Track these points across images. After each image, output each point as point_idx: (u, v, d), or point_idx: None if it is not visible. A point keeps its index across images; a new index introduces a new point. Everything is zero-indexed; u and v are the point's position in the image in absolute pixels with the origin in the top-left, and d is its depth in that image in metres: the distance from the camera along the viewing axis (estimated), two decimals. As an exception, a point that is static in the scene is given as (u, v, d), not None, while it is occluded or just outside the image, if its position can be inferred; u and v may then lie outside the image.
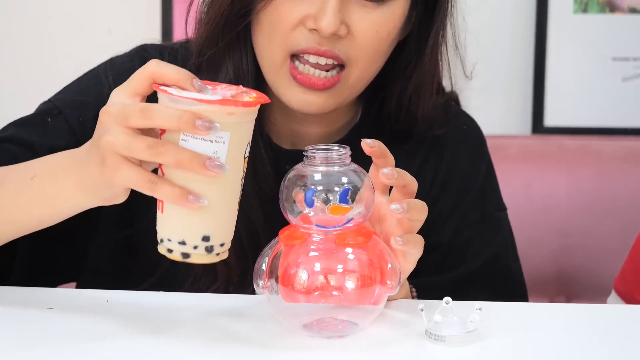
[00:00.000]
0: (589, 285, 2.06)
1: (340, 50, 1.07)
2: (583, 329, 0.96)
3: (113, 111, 0.87)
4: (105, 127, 0.87)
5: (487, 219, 1.23)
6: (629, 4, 2.17)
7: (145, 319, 0.95)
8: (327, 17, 1.04)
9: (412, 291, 1.08)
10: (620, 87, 2.20)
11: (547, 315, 1.01)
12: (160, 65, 0.89)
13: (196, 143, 0.85)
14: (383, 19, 1.08)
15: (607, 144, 2.15)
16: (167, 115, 0.85)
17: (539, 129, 2.22)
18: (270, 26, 1.07)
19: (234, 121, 0.86)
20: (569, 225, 2.06)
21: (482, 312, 0.89)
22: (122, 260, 1.19)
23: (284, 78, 1.09)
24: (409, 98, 1.17)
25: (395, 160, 1.21)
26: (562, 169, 2.09)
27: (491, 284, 1.19)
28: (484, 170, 1.25)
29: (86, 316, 0.96)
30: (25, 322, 0.94)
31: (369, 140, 0.92)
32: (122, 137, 0.86)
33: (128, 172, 0.86)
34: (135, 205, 1.00)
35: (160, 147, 0.85)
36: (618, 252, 1.74)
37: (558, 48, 2.19)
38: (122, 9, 2.19)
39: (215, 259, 0.89)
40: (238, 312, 0.98)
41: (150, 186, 0.86)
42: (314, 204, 0.87)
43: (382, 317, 0.96)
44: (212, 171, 0.84)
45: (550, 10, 2.17)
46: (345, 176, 0.88)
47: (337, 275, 0.88)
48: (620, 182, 2.05)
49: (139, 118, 0.86)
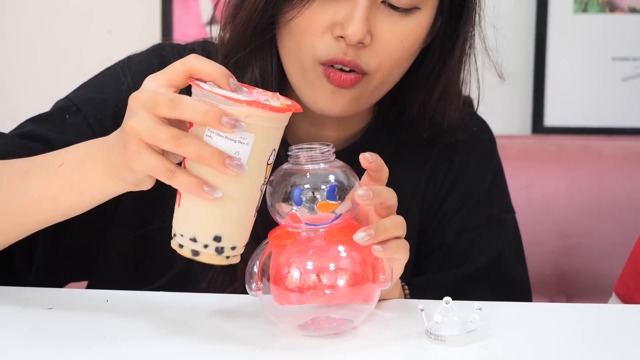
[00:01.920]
0: (590, 285, 2.06)
1: (362, 61, 1.07)
2: (584, 329, 0.96)
3: (143, 97, 0.88)
4: (133, 112, 0.88)
5: (493, 220, 1.23)
6: (629, 4, 2.18)
7: (145, 319, 0.95)
8: (355, 24, 1.04)
9: (405, 289, 1.08)
10: (620, 87, 2.20)
11: (548, 315, 1.01)
12: (199, 60, 0.89)
13: (220, 140, 0.85)
14: (409, 29, 1.08)
15: (607, 144, 2.15)
16: (194, 108, 0.85)
17: (539, 129, 2.22)
18: (298, 32, 1.07)
19: (261, 124, 0.86)
20: (569, 225, 2.06)
21: (482, 312, 0.89)
22: (138, 258, 1.19)
23: (313, 80, 1.09)
24: (435, 106, 1.18)
25: (407, 164, 1.22)
26: (562, 169, 2.09)
27: (492, 285, 1.20)
28: (493, 172, 1.26)
29: (86, 316, 0.96)
30: (26, 322, 0.95)
31: (368, 154, 0.92)
32: (147, 123, 0.86)
33: (148, 158, 0.87)
34: (153, 203, 1.00)
35: (184, 138, 0.85)
36: (618, 251, 1.74)
37: (558, 48, 2.19)
38: (122, 10, 2.19)
39: (224, 261, 0.89)
40: (233, 312, 0.98)
41: (169, 174, 0.86)
42: (302, 202, 0.88)
43: (382, 317, 0.96)
44: (230, 170, 0.85)
45: (550, 10, 2.18)
46: (332, 173, 0.89)
47: (330, 273, 0.88)
48: (620, 182, 2.05)
49: (167, 107, 0.86)
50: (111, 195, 0.95)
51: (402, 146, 1.22)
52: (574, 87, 2.21)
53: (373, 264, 0.90)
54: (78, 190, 0.95)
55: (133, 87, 1.08)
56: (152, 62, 1.17)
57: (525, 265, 1.26)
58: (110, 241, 1.18)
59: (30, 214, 0.99)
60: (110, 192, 0.94)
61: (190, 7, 2.17)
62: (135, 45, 1.23)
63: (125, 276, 1.19)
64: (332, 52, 1.06)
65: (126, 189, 0.93)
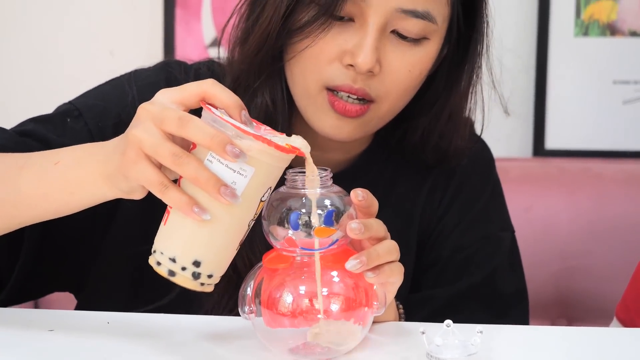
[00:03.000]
0: (590, 308, 2.05)
1: (370, 88, 1.07)
2: (584, 352, 0.96)
3: (152, 110, 0.88)
4: (139, 122, 0.88)
5: (489, 238, 1.24)
6: (630, 28, 2.18)
7: (144, 342, 0.96)
8: (365, 53, 1.05)
9: (399, 308, 1.08)
10: (621, 110, 2.21)
11: (549, 338, 1.01)
12: (216, 86, 0.89)
13: (219, 167, 0.85)
14: (417, 59, 1.09)
15: (607, 166, 2.15)
16: (202, 131, 0.85)
17: (540, 151, 2.22)
18: (307, 59, 1.08)
19: (263, 160, 0.86)
20: (569, 248, 2.06)
21: (483, 335, 0.89)
22: (137, 276, 1.18)
23: (318, 105, 1.09)
24: (440, 133, 1.19)
25: (406, 184, 1.22)
26: (563, 192, 2.09)
27: (485, 301, 1.20)
28: (490, 191, 1.27)
29: (87, 338, 0.97)
30: (27, 344, 0.95)
31: (359, 191, 0.91)
32: (152, 135, 0.86)
33: (145, 169, 0.87)
34: (155, 223, 1.00)
35: (185, 158, 0.85)
36: (618, 274, 1.74)
37: (559, 71, 2.19)
38: (125, 31, 2.20)
39: (197, 287, 0.89)
40: (226, 335, 0.98)
41: (161, 188, 0.86)
42: (299, 227, 0.88)
43: (380, 341, 0.96)
44: (224, 198, 0.85)
45: (551, 34, 2.18)
46: (329, 199, 0.89)
47: (322, 298, 0.88)
48: (620, 204, 2.05)
49: (174, 124, 0.86)
50: (101, 199, 0.95)
51: (401, 166, 1.23)
52: (575, 110, 2.21)
53: (366, 289, 0.90)
54: (69, 190, 0.95)
55: (138, 100, 1.09)
56: (159, 78, 1.18)
57: (523, 281, 1.27)
58: (107, 256, 1.18)
59: (20, 208, 0.98)
60: (101, 196, 0.94)
61: (192, 29, 2.17)
62: (137, 66, 1.23)
63: (123, 294, 1.19)
64: (340, 80, 1.07)
65: (117, 195, 0.93)
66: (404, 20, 1.05)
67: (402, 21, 1.05)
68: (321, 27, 1.05)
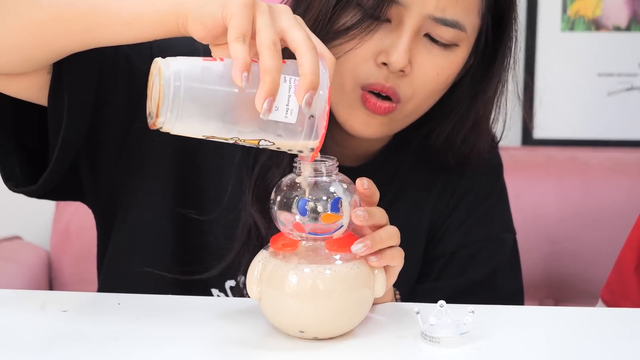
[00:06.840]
0: (576, 289, 2.07)
1: (400, 87, 1.09)
2: (571, 331, 0.97)
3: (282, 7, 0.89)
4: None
5: (492, 238, 1.26)
6: (614, 23, 2.21)
7: (155, 322, 0.97)
8: (399, 52, 1.07)
9: (396, 293, 1.10)
10: (605, 101, 2.23)
11: (537, 317, 1.03)
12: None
13: (284, 88, 0.86)
14: (446, 63, 1.11)
15: (593, 155, 2.17)
16: (312, 58, 0.86)
17: (528, 141, 2.25)
18: (343, 56, 1.09)
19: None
20: (557, 233, 2.08)
21: (475, 314, 0.90)
22: (182, 242, 1.18)
23: (351, 102, 1.10)
24: (463, 138, 1.20)
25: (419, 182, 1.23)
26: (551, 179, 2.11)
27: (485, 299, 1.20)
28: (496, 193, 1.29)
29: (99, 318, 0.98)
30: (41, 324, 0.96)
31: (365, 180, 0.94)
32: (265, 11, 0.86)
33: (238, 19, 0.86)
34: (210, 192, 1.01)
35: (278, 53, 0.85)
36: (603, 257, 1.76)
37: (546, 64, 2.21)
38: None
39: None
40: (235, 316, 0.99)
41: (243, 39, 0.85)
42: (307, 213, 0.90)
43: (379, 321, 0.97)
44: (260, 104, 0.84)
45: (539, 29, 2.21)
46: (336, 186, 0.91)
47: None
48: (605, 191, 2.07)
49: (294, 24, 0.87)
50: (151, 37, 0.94)
51: (416, 165, 1.24)
52: (562, 101, 2.23)
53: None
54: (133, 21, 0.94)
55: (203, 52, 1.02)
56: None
57: (521, 282, 1.28)
58: (142, 185, 1.17)
59: (83, 25, 0.96)
60: (157, 34, 0.94)
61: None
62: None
63: (160, 252, 1.18)
64: (373, 77, 1.09)
65: (169, 34, 0.92)
66: (436, 27, 1.08)
67: (435, 27, 1.08)
68: (367, 29, 1.07)
